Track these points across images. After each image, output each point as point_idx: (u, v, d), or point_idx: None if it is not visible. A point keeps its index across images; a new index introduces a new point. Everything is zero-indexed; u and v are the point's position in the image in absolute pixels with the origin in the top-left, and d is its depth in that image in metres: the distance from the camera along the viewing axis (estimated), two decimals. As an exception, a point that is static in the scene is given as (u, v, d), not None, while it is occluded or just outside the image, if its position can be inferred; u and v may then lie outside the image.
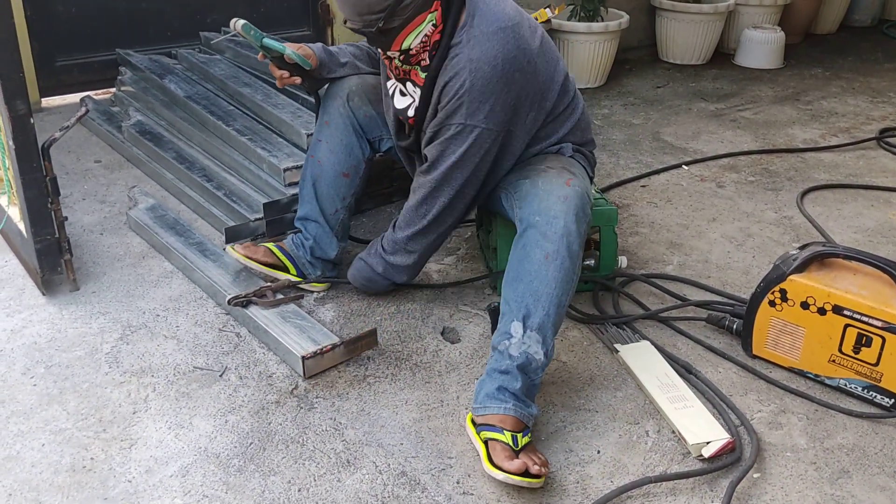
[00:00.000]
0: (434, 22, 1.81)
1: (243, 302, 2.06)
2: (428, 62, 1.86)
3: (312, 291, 2.21)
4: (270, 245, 2.21)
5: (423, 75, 1.89)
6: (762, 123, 3.69)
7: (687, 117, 3.75)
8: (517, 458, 1.60)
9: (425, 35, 1.82)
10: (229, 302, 2.06)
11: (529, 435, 1.68)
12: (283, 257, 2.19)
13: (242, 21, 2.02)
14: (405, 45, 1.82)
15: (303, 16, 4.07)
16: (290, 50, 2.02)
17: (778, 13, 4.75)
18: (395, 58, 1.88)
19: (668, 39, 4.59)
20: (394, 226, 2.08)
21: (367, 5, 1.75)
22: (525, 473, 1.57)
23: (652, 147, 3.38)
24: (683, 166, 3.19)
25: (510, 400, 1.68)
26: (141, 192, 2.63)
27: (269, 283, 2.16)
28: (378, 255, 2.12)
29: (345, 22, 1.84)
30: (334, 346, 1.91)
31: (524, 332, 1.71)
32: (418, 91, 1.93)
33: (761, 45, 4.54)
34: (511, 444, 1.63)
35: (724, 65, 4.62)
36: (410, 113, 1.98)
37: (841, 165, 3.23)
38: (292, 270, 2.20)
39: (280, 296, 2.11)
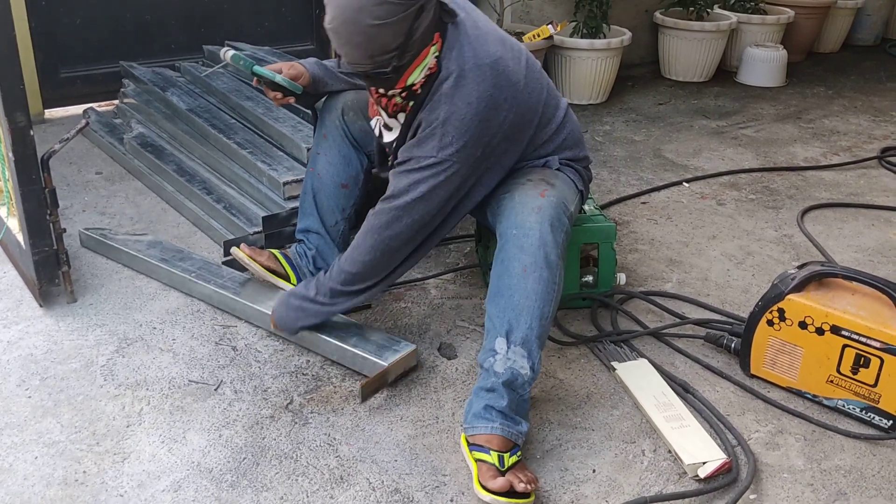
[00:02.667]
0: (437, 54, 1.75)
1: None
2: (419, 92, 1.79)
3: None
4: (275, 252, 2.22)
5: (411, 104, 1.84)
6: (764, 141, 3.69)
7: (688, 134, 3.75)
8: (502, 477, 1.59)
9: (428, 68, 1.75)
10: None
11: (518, 454, 1.66)
12: (286, 265, 2.19)
13: (232, 51, 2.02)
14: (409, 82, 1.76)
15: (306, 30, 4.09)
16: (280, 77, 2.02)
17: (780, 31, 4.76)
18: (395, 95, 1.81)
19: (670, 57, 4.60)
20: (342, 259, 1.92)
21: (381, 45, 1.65)
22: (510, 492, 1.57)
23: (653, 164, 3.38)
24: (684, 183, 3.19)
25: (497, 419, 1.67)
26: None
27: None
28: (314, 295, 1.94)
29: (338, 64, 1.78)
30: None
31: (508, 347, 1.69)
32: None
33: (763, 64, 4.55)
34: (497, 464, 1.62)
35: (727, 82, 4.63)
36: (395, 146, 1.93)
37: (842, 184, 3.23)
38: (293, 279, 2.19)
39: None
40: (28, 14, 3.33)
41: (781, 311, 1.91)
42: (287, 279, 2.19)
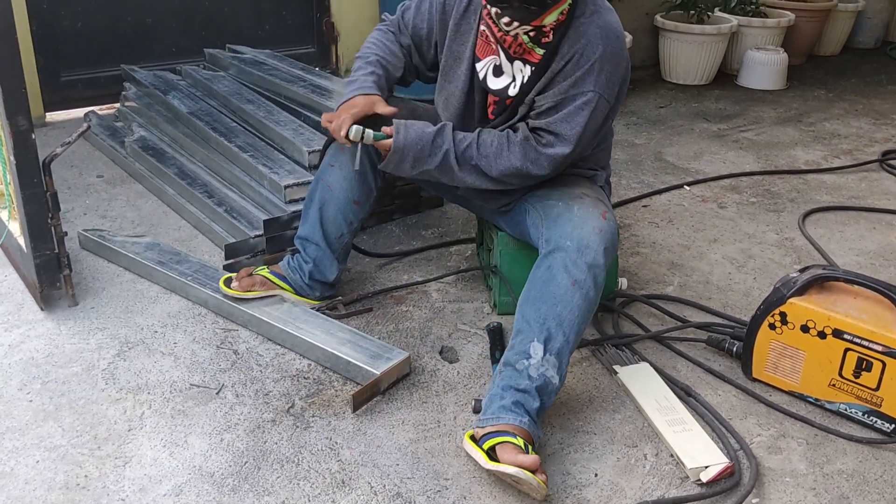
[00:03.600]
0: (570, 2, 1.82)
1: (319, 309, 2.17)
2: (550, 38, 1.84)
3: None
4: (264, 273, 2.17)
5: (540, 52, 1.85)
6: (764, 144, 3.69)
7: (689, 138, 3.75)
8: (533, 455, 1.59)
9: (561, 13, 1.81)
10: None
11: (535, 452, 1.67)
12: (279, 282, 2.17)
13: (369, 129, 1.91)
14: (543, 22, 1.80)
15: (307, 33, 4.09)
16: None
17: (781, 34, 4.76)
18: (521, 34, 1.83)
19: (671, 60, 4.60)
20: (494, 152, 1.89)
21: None
22: (536, 472, 1.57)
23: (654, 167, 3.38)
24: (685, 187, 3.19)
25: (526, 416, 1.68)
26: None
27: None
28: (455, 152, 1.89)
29: None
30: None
31: (544, 354, 1.71)
32: (527, 69, 1.88)
33: (764, 67, 4.55)
34: (523, 448, 1.62)
35: (727, 85, 4.63)
36: (512, 92, 1.90)
37: (843, 187, 3.23)
38: (291, 290, 2.19)
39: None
40: (29, 17, 3.33)
41: (783, 315, 1.91)
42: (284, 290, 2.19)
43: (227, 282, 2.15)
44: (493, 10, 1.80)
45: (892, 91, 4.63)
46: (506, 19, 1.80)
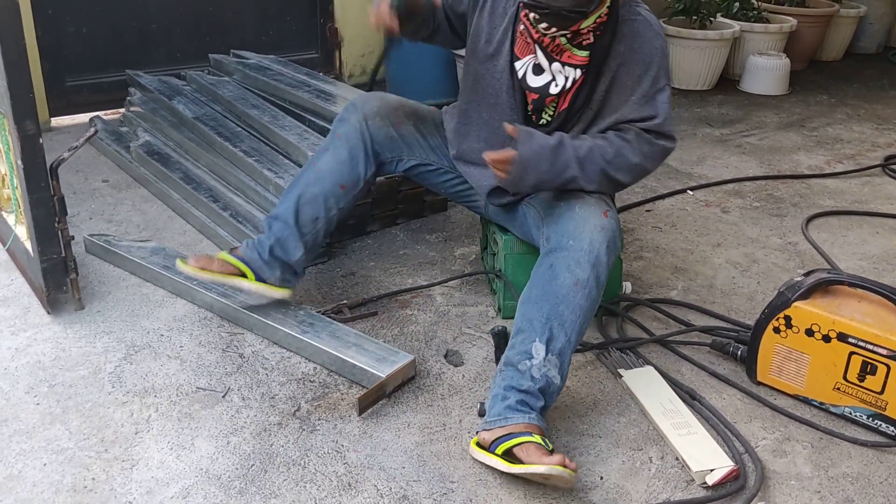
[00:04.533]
0: (608, 4, 1.86)
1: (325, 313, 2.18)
2: (592, 40, 1.88)
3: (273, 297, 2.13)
4: (224, 255, 2.10)
5: (582, 54, 1.89)
6: (767, 149, 3.70)
7: (692, 142, 3.76)
8: (553, 455, 1.60)
9: (599, 17, 1.85)
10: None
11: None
12: (238, 263, 2.09)
13: None
14: (582, 26, 1.84)
15: (311, 39, 4.10)
16: None
17: (783, 40, 4.77)
18: (559, 36, 1.87)
19: (674, 65, 4.60)
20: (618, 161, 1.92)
21: None
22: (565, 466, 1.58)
23: (657, 172, 3.35)
24: (688, 191, 3.19)
25: (533, 412, 1.69)
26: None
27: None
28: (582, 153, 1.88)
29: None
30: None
31: (546, 355, 1.72)
32: (568, 70, 1.91)
33: (767, 72, 4.56)
34: (544, 444, 1.63)
35: (730, 91, 4.64)
36: (553, 90, 1.93)
37: (846, 192, 3.24)
38: (250, 276, 2.09)
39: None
40: (34, 23, 3.34)
41: (788, 319, 1.91)
42: (244, 276, 2.09)
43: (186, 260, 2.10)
44: (532, 14, 1.83)
45: (895, 96, 4.64)
46: (544, 24, 1.83)
